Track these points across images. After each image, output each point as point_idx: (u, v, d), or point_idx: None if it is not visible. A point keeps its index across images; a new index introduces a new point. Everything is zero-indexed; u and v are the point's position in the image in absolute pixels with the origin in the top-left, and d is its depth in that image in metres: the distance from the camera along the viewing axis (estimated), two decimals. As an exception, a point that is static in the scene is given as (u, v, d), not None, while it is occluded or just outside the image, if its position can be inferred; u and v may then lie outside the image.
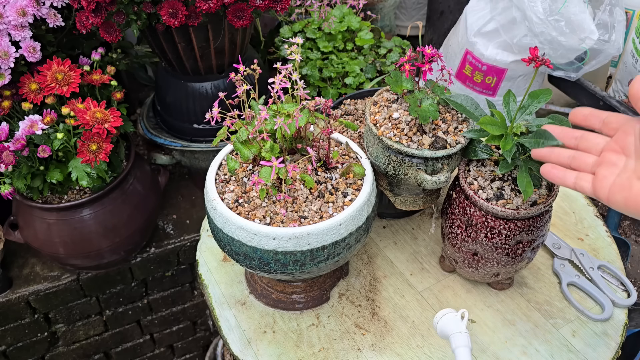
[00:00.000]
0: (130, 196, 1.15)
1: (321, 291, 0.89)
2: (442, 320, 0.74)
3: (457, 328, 0.72)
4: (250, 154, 0.75)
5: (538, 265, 0.94)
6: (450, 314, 0.74)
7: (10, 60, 0.99)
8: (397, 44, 1.37)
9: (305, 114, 0.72)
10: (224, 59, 1.18)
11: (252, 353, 0.83)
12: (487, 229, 0.78)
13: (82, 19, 1.00)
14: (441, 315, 0.75)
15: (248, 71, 0.75)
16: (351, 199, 0.75)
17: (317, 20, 1.35)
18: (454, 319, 0.73)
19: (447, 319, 0.74)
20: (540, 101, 0.76)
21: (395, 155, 0.78)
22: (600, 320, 0.85)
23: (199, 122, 1.23)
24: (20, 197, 1.08)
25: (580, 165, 0.61)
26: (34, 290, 1.25)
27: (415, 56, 0.77)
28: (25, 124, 0.99)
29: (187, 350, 1.63)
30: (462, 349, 0.70)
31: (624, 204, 0.56)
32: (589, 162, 0.61)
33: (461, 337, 0.71)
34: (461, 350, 0.70)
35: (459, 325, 0.73)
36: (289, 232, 0.70)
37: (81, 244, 1.13)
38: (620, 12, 1.17)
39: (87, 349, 1.44)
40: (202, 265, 0.97)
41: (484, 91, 1.31)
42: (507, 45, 1.23)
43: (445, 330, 0.74)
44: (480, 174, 0.80)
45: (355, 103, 1.03)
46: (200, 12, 1.00)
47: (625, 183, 0.56)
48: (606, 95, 1.29)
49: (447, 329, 0.73)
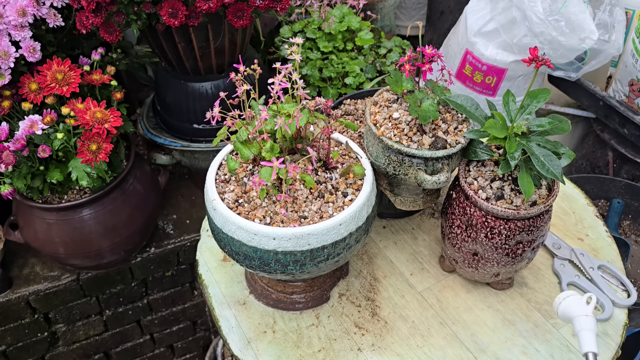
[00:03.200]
0: (130, 196, 1.15)
1: (321, 291, 0.89)
2: (565, 302, 0.72)
3: (583, 311, 0.70)
4: (250, 154, 0.75)
5: (538, 265, 0.94)
6: (575, 297, 0.72)
7: (10, 60, 0.99)
8: (397, 44, 1.37)
9: (305, 114, 0.72)
10: (224, 59, 1.18)
11: (252, 353, 0.83)
12: (487, 229, 0.78)
13: (82, 19, 1.00)
14: (564, 296, 0.73)
15: (248, 71, 0.75)
16: (351, 199, 0.75)
17: (317, 20, 1.35)
18: (579, 302, 0.71)
19: (571, 300, 0.72)
20: (539, 101, 0.76)
21: (395, 155, 0.78)
22: (600, 320, 0.85)
23: (199, 122, 1.23)
24: (20, 197, 1.08)
25: None
26: (34, 290, 1.25)
27: (415, 56, 0.77)
28: (25, 124, 0.99)
29: (187, 350, 1.63)
30: (587, 333, 0.68)
31: None
32: None
33: (587, 321, 0.69)
34: (586, 333, 0.68)
35: (584, 309, 0.70)
36: (289, 232, 0.70)
37: (81, 244, 1.13)
38: (620, 12, 1.17)
39: (87, 349, 1.44)
40: (202, 265, 0.97)
41: (484, 91, 1.31)
42: (507, 45, 1.23)
43: (567, 312, 0.71)
44: (480, 174, 0.80)
45: (355, 103, 1.03)
46: (200, 12, 1.00)
47: None
48: (606, 95, 1.29)
49: (570, 311, 0.71)
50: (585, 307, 0.71)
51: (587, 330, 0.68)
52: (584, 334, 0.68)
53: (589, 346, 0.67)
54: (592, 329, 0.69)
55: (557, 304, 0.74)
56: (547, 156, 0.72)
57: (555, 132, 0.76)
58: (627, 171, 1.38)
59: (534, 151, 0.72)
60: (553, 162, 0.71)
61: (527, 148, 0.72)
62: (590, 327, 0.69)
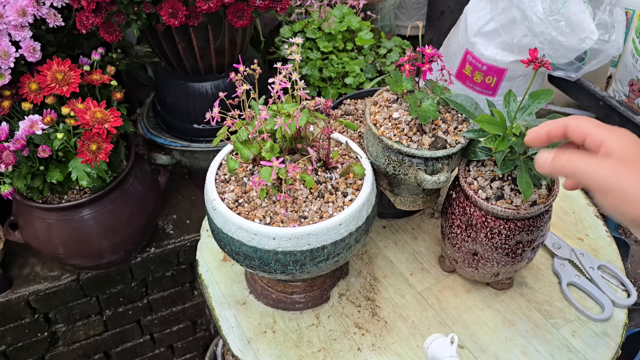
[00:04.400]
0: (130, 196, 1.15)
1: (321, 291, 0.89)
2: (432, 346, 0.76)
3: (448, 352, 0.73)
4: (250, 154, 0.75)
5: (538, 265, 0.94)
6: (440, 339, 0.76)
7: (10, 60, 0.99)
8: (397, 44, 1.37)
9: (305, 114, 0.72)
10: (224, 59, 1.18)
11: (252, 353, 0.83)
12: (487, 229, 0.78)
13: (82, 19, 1.00)
14: (431, 340, 0.76)
15: (248, 71, 0.75)
16: (351, 199, 0.75)
17: (317, 20, 1.35)
18: (444, 344, 0.75)
19: (437, 344, 0.75)
20: (540, 102, 0.76)
21: (395, 155, 0.78)
22: (600, 320, 0.85)
23: (199, 122, 1.23)
24: (20, 197, 1.08)
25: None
26: (34, 290, 1.25)
27: (415, 56, 0.77)
28: (25, 124, 0.99)
29: (187, 350, 1.63)
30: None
31: None
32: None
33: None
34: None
35: (449, 350, 0.74)
36: (289, 232, 0.70)
37: (81, 244, 1.13)
38: (620, 12, 1.17)
39: (87, 349, 1.44)
40: (202, 265, 0.97)
41: (484, 91, 1.31)
42: (507, 45, 1.23)
43: (436, 355, 0.75)
44: (480, 174, 0.80)
45: (355, 103, 1.03)
46: (200, 12, 1.00)
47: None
48: (606, 95, 1.29)
49: (437, 354, 0.74)
50: (450, 347, 0.74)
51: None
52: None
53: None
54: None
55: (425, 348, 0.77)
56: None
57: (555, 132, 0.75)
58: (627, 171, 1.38)
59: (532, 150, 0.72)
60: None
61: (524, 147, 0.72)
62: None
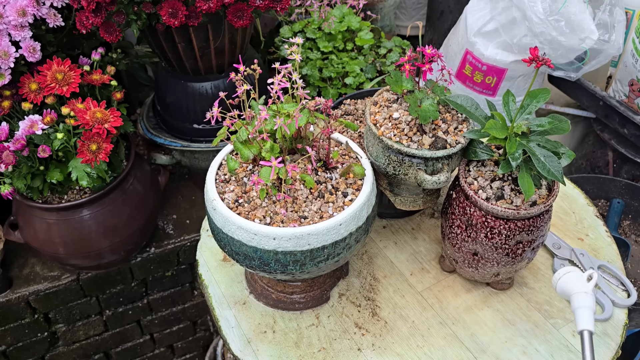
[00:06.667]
0: (130, 196, 1.15)
1: (321, 291, 0.89)
2: (564, 277, 0.70)
3: (582, 288, 0.67)
4: (250, 154, 0.75)
5: (538, 265, 0.94)
6: (575, 272, 0.69)
7: (10, 60, 0.99)
8: (397, 44, 1.37)
9: (305, 114, 0.72)
10: (224, 59, 1.18)
11: (252, 353, 0.83)
12: (487, 229, 0.78)
13: (82, 19, 1.00)
14: (564, 272, 0.70)
15: (248, 71, 0.75)
16: (351, 199, 0.75)
17: (317, 20, 1.35)
18: (579, 278, 0.69)
19: (571, 276, 0.69)
20: (539, 101, 0.76)
21: (395, 155, 0.78)
22: (600, 320, 0.85)
23: (199, 122, 1.23)
24: (20, 197, 1.08)
25: None
26: (34, 290, 1.25)
27: (415, 56, 0.77)
28: (25, 124, 0.99)
29: (187, 350, 1.63)
30: (585, 310, 0.66)
31: None
32: None
33: (585, 298, 0.67)
34: (583, 311, 0.66)
35: (584, 286, 0.68)
36: (289, 232, 0.70)
37: (81, 244, 1.13)
38: (620, 12, 1.17)
39: (87, 349, 1.44)
40: (202, 265, 0.97)
41: (484, 91, 1.31)
42: (507, 45, 1.23)
43: (566, 289, 0.69)
44: (480, 174, 0.80)
45: (355, 103, 1.03)
46: (200, 12, 1.00)
47: None
48: (606, 95, 1.29)
49: (569, 288, 0.68)
50: (586, 284, 0.68)
51: (584, 308, 0.66)
52: (581, 312, 0.66)
53: (585, 324, 0.65)
54: (590, 307, 0.66)
55: (556, 279, 0.71)
56: (547, 157, 0.72)
57: (555, 132, 0.76)
58: (627, 171, 1.38)
59: (534, 151, 0.72)
60: (553, 163, 0.71)
61: (528, 148, 0.72)
62: (588, 305, 0.66)
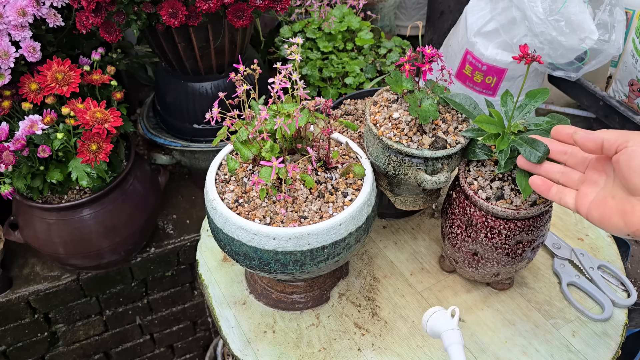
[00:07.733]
0: (130, 196, 1.15)
1: (321, 291, 0.89)
2: (431, 319, 0.72)
3: (449, 325, 0.70)
4: (250, 154, 0.75)
5: (538, 265, 0.94)
6: (440, 312, 0.72)
7: (10, 60, 0.99)
8: (397, 44, 1.37)
9: (305, 114, 0.72)
10: (224, 59, 1.18)
11: (252, 353, 0.83)
12: (487, 229, 0.78)
13: (82, 19, 1.00)
14: (430, 313, 0.73)
15: (248, 71, 0.75)
16: (351, 199, 0.75)
17: (317, 20, 1.35)
18: (444, 317, 0.72)
19: (436, 317, 0.72)
20: (537, 100, 0.76)
21: (395, 155, 0.78)
22: (600, 320, 0.85)
23: (199, 122, 1.23)
24: (20, 197, 1.08)
25: (567, 181, 0.66)
26: (34, 290, 1.25)
27: (415, 56, 0.77)
28: (25, 124, 0.99)
29: (187, 350, 1.63)
30: (455, 347, 0.69)
31: (599, 221, 0.61)
32: (574, 178, 0.66)
33: (453, 335, 0.70)
34: (454, 347, 0.69)
35: (450, 323, 0.71)
36: (289, 232, 0.70)
37: (81, 244, 1.13)
38: (620, 12, 1.17)
39: (87, 349, 1.44)
40: (202, 265, 0.97)
41: (484, 91, 1.31)
42: (507, 45, 1.23)
43: (435, 329, 0.72)
44: (480, 174, 0.80)
45: (355, 103, 1.03)
46: (200, 12, 1.00)
47: (600, 200, 0.61)
48: (606, 95, 1.29)
49: (437, 327, 0.71)
50: (451, 320, 0.71)
51: (455, 344, 0.69)
52: (452, 348, 0.69)
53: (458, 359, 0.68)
54: (459, 342, 0.69)
55: (425, 322, 0.74)
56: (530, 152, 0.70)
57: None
58: (627, 171, 1.38)
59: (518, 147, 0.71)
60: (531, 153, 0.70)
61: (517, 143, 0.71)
62: (457, 341, 0.69)
